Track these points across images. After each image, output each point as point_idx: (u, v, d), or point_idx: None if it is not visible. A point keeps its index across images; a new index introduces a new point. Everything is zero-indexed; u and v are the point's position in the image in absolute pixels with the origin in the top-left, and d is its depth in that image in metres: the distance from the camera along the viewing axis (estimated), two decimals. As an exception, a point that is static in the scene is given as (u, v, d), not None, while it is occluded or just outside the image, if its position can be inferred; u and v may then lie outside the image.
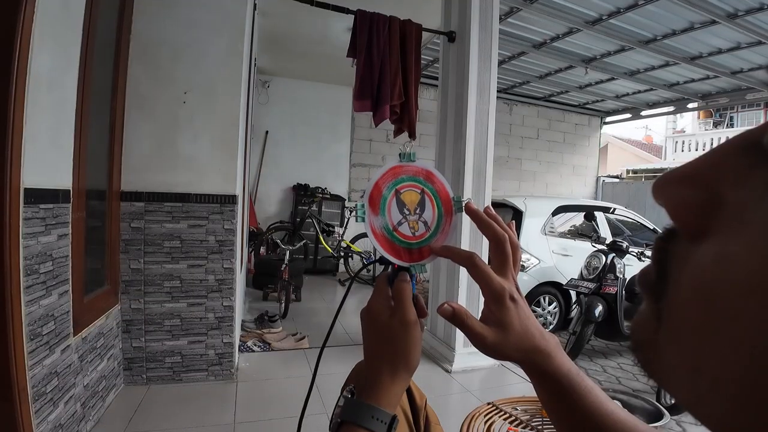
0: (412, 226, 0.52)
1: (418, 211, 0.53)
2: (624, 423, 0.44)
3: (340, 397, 0.51)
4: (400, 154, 0.55)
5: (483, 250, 2.84)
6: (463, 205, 0.54)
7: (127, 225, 2.27)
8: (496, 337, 0.45)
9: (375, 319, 0.51)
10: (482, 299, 0.48)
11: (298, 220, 5.56)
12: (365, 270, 5.53)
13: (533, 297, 4.00)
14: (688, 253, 0.19)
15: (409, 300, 0.50)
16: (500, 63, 5.41)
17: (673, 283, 0.20)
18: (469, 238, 2.79)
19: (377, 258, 0.53)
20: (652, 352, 0.21)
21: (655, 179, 0.22)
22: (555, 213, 4.36)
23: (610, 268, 3.35)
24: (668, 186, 0.20)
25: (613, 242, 3.52)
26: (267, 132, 5.96)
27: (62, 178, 1.59)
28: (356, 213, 0.52)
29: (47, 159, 1.48)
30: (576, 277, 3.56)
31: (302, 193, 5.94)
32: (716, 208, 0.18)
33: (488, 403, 1.43)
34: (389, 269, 0.53)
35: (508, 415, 1.37)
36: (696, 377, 0.18)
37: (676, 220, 0.20)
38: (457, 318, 0.46)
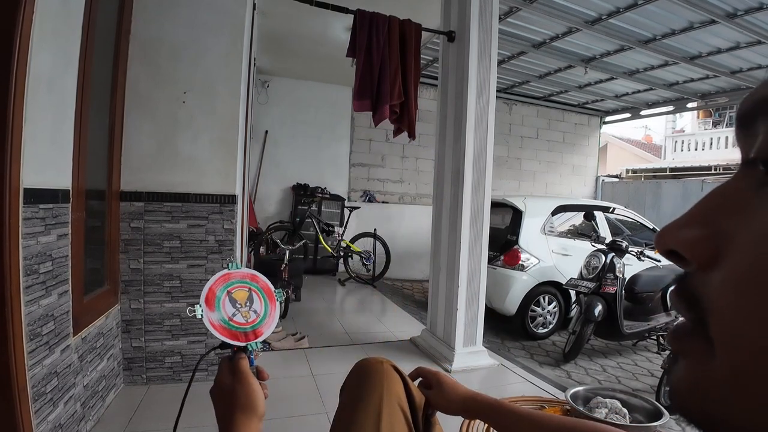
0: (245, 315, 0.68)
1: (248, 304, 0.69)
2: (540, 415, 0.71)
3: None
4: (228, 265, 0.71)
5: (483, 248, 2.84)
6: (281, 298, 0.73)
7: (126, 225, 2.27)
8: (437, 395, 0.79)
9: (222, 388, 0.64)
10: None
11: (298, 220, 5.56)
12: (365, 270, 5.57)
13: (533, 297, 3.99)
14: (710, 280, 0.21)
15: (246, 368, 0.64)
16: (500, 63, 5.41)
17: (713, 313, 0.21)
18: (469, 237, 2.79)
19: (218, 344, 0.67)
20: (714, 402, 0.21)
21: (655, 235, 0.25)
22: (555, 213, 4.36)
23: (610, 267, 3.35)
24: (673, 231, 0.23)
25: (613, 242, 3.53)
26: (267, 132, 5.96)
27: (62, 178, 1.59)
28: (195, 313, 0.64)
29: (47, 159, 1.48)
30: (576, 277, 3.56)
31: (302, 193, 5.94)
32: (722, 237, 0.21)
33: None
34: (230, 352, 0.67)
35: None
36: None
37: (690, 255, 0.22)
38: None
